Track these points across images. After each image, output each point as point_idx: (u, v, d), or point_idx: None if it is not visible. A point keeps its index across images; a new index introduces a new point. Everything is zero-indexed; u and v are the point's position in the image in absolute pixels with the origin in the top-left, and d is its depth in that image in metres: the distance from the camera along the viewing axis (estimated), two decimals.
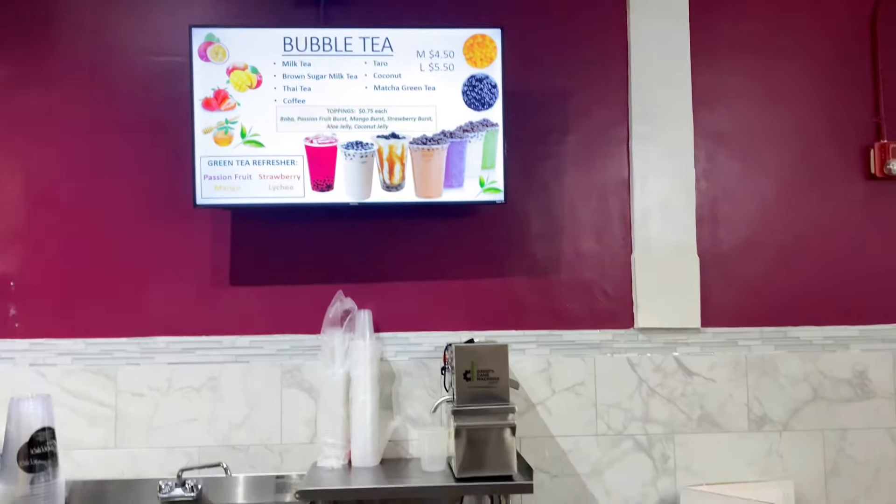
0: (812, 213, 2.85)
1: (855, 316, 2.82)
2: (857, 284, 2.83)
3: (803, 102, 2.88)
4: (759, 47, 2.87)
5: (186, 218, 2.64)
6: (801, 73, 2.88)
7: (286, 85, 2.53)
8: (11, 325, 2.65)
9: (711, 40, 2.85)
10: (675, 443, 2.74)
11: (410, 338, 2.70)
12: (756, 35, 2.88)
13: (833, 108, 2.88)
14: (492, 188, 2.58)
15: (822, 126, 2.87)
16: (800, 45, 2.89)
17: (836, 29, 2.91)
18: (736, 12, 2.88)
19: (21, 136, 2.69)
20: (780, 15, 2.89)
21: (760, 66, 2.87)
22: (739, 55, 2.87)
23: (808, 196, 2.86)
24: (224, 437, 2.63)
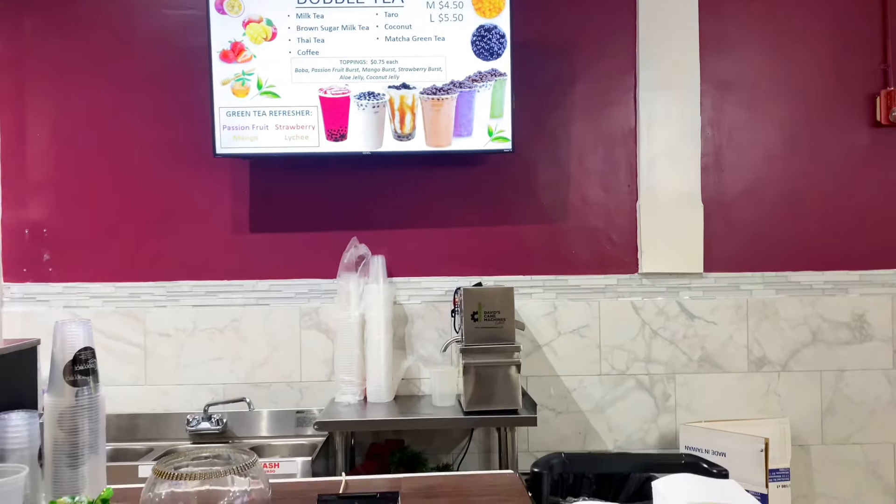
0: (816, 160, 2.90)
1: (855, 261, 2.89)
2: (858, 230, 2.90)
3: (811, 50, 2.90)
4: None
5: (207, 167, 2.76)
6: (808, 21, 2.90)
7: (300, 37, 2.60)
8: (45, 270, 2.80)
9: None
10: (675, 382, 2.86)
11: (422, 282, 2.82)
12: None
13: (840, 56, 2.90)
14: (500, 137, 2.66)
15: (829, 73, 2.90)
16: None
17: None
18: None
19: (49, 88, 2.80)
20: None
21: (768, 14, 2.89)
22: (747, 2, 2.89)
23: (812, 143, 2.90)
24: (247, 375, 2.79)
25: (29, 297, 2.79)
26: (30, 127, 2.80)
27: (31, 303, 2.79)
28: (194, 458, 1.17)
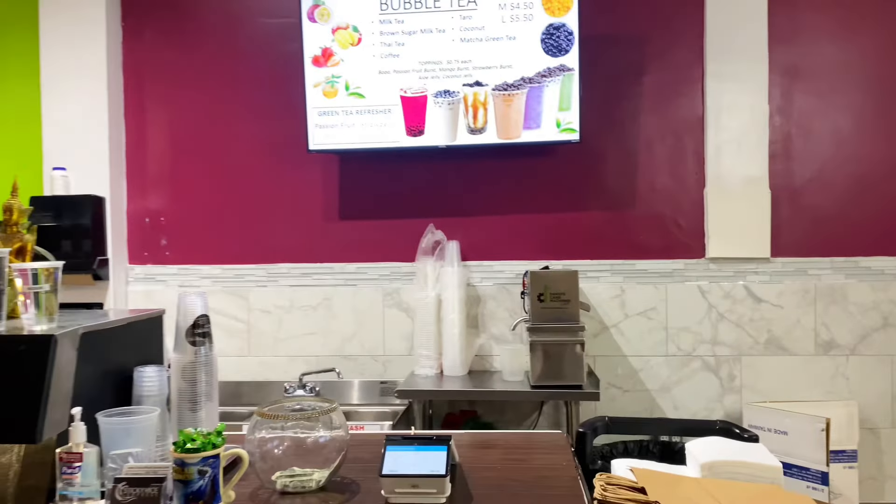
0: (887, 145, 2.90)
1: None
2: None
3: (881, 35, 2.89)
4: None
5: (301, 161, 3.06)
6: (879, 6, 2.89)
7: (383, 41, 2.85)
8: (163, 253, 3.19)
9: None
10: (741, 364, 2.95)
11: (494, 265, 3.03)
12: None
13: None
14: (568, 129, 2.82)
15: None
16: None
17: None
18: None
19: (165, 92, 3.18)
20: None
21: (839, 2, 2.90)
22: None
23: (883, 129, 2.90)
24: (337, 348, 3.09)
25: (150, 277, 3.19)
26: (150, 127, 3.19)
27: (152, 282, 3.19)
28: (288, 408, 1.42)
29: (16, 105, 3.18)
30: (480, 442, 1.62)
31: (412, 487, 1.24)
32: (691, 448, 1.51)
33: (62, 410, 1.31)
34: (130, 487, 1.25)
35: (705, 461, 1.42)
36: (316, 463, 1.34)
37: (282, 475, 1.33)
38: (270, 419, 1.34)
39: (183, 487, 1.20)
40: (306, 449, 1.33)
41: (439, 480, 1.23)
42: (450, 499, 1.26)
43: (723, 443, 1.53)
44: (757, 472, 1.40)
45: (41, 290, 1.38)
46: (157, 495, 1.24)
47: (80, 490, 1.27)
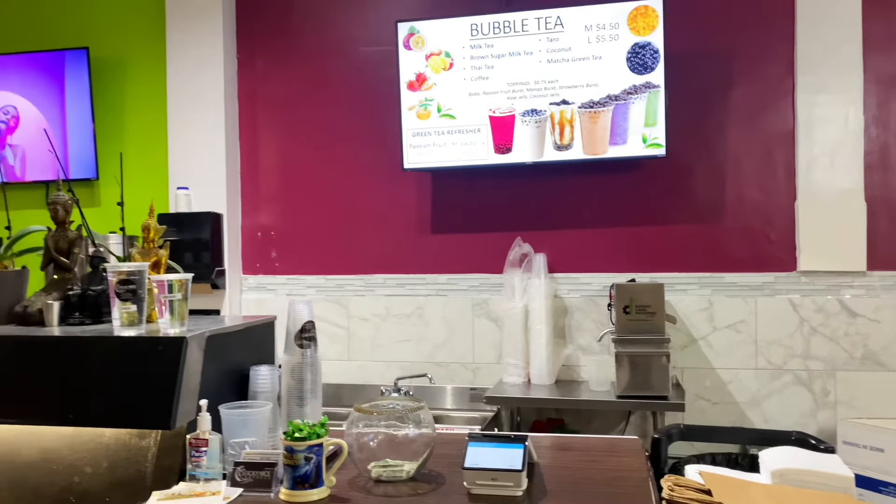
0: None
1: None
2: None
3: None
4: None
5: (396, 179, 3.26)
6: None
7: (473, 65, 3.01)
8: (273, 265, 3.47)
9: None
10: (836, 379, 2.90)
11: (580, 278, 3.11)
12: None
13: None
14: (654, 144, 2.88)
15: None
16: None
17: None
18: None
19: (275, 116, 3.46)
20: None
21: None
22: None
23: None
24: (429, 355, 3.25)
25: (261, 286, 3.47)
26: (261, 149, 3.48)
27: (263, 291, 3.47)
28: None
29: (146, 132, 3.55)
30: (559, 444, 1.73)
31: (491, 480, 1.37)
32: (764, 456, 1.56)
33: (191, 402, 1.53)
34: (247, 470, 1.45)
35: (776, 468, 1.48)
36: (406, 455, 1.49)
37: (376, 465, 1.49)
38: (367, 415, 1.51)
39: (291, 471, 1.38)
40: (398, 443, 1.48)
41: (516, 475, 1.36)
42: (526, 492, 1.38)
43: (796, 452, 1.57)
44: (828, 482, 1.44)
45: (175, 299, 1.60)
46: (270, 478, 1.43)
47: (205, 471, 1.48)
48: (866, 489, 2.68)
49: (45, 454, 1.60)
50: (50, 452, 1.60)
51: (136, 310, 1.59)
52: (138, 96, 3.58)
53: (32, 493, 1.57)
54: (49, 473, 1.58)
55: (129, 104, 3.60)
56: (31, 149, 3.63)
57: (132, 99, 3.59)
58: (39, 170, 3.63)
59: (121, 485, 1.53)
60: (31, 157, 3.65)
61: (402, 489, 1.44)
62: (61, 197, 1.84)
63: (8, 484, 1.60)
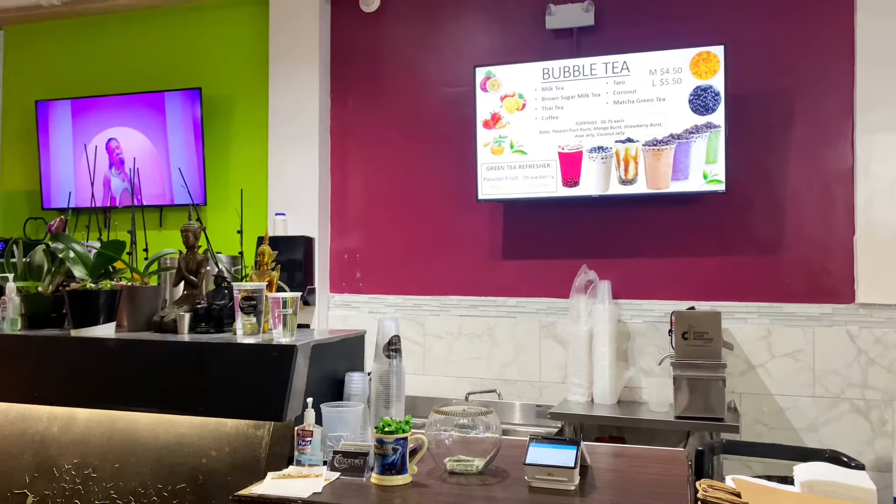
0: None
1: None
2: None
3: None
4: None
5: (471, 209, 3.55)
6: None
7: (544, 105, 3.27)
8: (357, 284, 3.80)
9: None
10: (893, 409, 2.98)
11: (643, 304, 3.31)
12: None
13: None
14: (714, 180, 3.06)
15: None
16: None
17: None
18: None
19: (363, 150, 3.82)
20: None
21: None
22: None
23: None
24: (498, 373, 3.50)
25: (346, 303, 3.81)
26: (350, 179, 3.84)
27: (347, 308, 3.81)
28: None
29: (249, 163, 3.97)
30: (612, 452, 1.95)
31: (548, 475, 1.61)
32: (797, 470, 1.74)
33: (299, 400, 1.84)
34: (344, 458, 1.74)
35: (805, 479, 1.66)
36: (476, 453, 1.75)
37: (451, 460, 1.75)
38: (444, 416, 1.78)
39: (381, 459, 1.66)
40: (469, 442, 1.75)
41: (569, 471, 1.60)
42: (577, 487, 1.62)
43: (827, 467, 1.74)
44: (851, 493, 1.61)
45: (287, 313, 1.92)
46: (363, 465, 1.72)
47: (309, 457, 1.78)
48: None
49: (179, 439, 1.94)
50: (183, 437, 1.93)
51: (255, 322, 1.92)
52: (243, 131, 4.01)
53: (168, 469, 1.91)
54: (182, 455, 1.92)
55: (234, 138, 4.03)
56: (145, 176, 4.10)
57: (237, 133, 4.03)
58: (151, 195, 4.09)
59: (240, 467, 1.85)
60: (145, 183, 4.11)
61: (472, 480, 1.70)
62: (192, 225, 2.21)
63: (149, 461, 1.94)
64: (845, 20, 3.09)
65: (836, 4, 3.10)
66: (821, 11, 3.13)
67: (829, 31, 3.12)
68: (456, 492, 1.62)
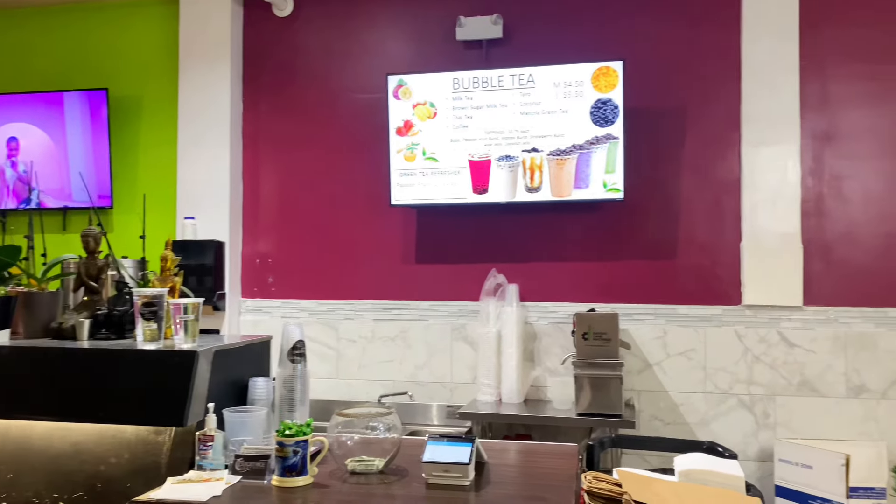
0: None
1: None
2: None
3: None
4: (869, 55, 3.19)
5: (384, 214, 3.60)
6: None
7: (455, 115, 3.36)
8: (269, 289, 3.79)
9: (820, 51, 3.23)
10: (775, 403, 3.21)
11: (548, 306, 3.44)
12: (866, 43, 3.19)
13: None
14: (613, 189, 3.23)
15: None
16: None
17: None
18: (846, 24, 3.21)
19: (275, 155, 3.81)
20: (889, 26, 3.18)
21: (870, 73, 3.19)
22: (848, 63, 3.21)
23: None
24: (411, 375, 3.57)
25: (258, 308, 3.79)
26: (262, 184, 3.82)
27: (259, 313, 3.79)
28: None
29: (158, 166, 3.90)
30: (508, 448, 2.05)
31: (444, 472, 1.69)
32: (677, 460, 1.88)
33: (200, 405, 1.85)
34: (245, 461, 1.76)
35: (682, 469, 1.79)
36: (377, 453, 1.81)
37: (352, 460, 1.80)
38: (346, 419, 1.83)
39: (282, 462, 1.70)
40: (370, 442, 1.80)
41: (464, 467, 1.67)
42: (473, 483, 1.70)
43: (703, 457, 1.89)
44: (723, 481, 1.76)
45: (188, 319, 1.93)
46: (264, 468, 1.74)
47: (211, 462, 1.79)
48: (798, 503, 2.98)
49: (75, 447, 1.91)
50: (79, 445, 1.91)
51: (156, 328, 1.92)
52: (152, 133, 3.94)
53: (65, 478, 1.88)
54: (79, 462, 1.89)
55: (143, 140, 3.95)
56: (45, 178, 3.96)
57: (146, 135, 3.95)
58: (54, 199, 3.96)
59: (140, 473, 1.84)
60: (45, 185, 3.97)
61: (372, 479, 1.75)
62: (93, 230, 2.18)
63: (43, 471, 1.91)
64: (732, 41, 3.32)
65: (725, 26, 3.33)
66: (710, 32, 3.35)
67: (718, 50, 3.34)
68: (356, 490, 1.68)
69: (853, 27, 3.22)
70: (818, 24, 3.23)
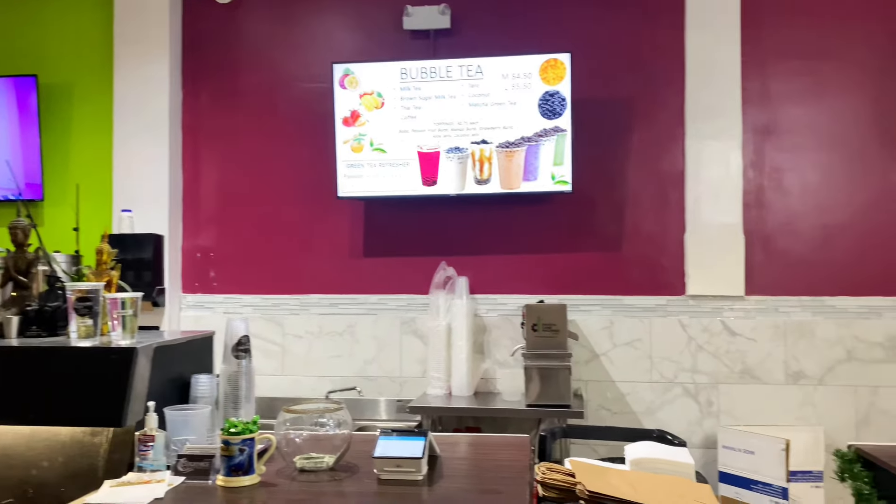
0: (851, 198, 3.25)
1: (889, 288, 3.20)
2: (892, 261, 3.20)
3: (847, 100, 3.26)
4: (807, 52, 3.28)
5: (331, 206, 3.53)
6: (844, 75, 3.26)
7: (403, 105, 3.32)
8: (211, 284, 3.68)
9: (761, 48, 3.30)
10: (718, 391, 3.29)
11: (498, 299, 3.44)
12: (804, 42, 3.29)
13: (874, 106, 3.24)
14: (561, 181, 3.24)
15: (864, 121, 3.24)
16: (844, 50, 3.26)
17: (879, 35, 3.25)
18: (785, 23, 3.30)
19: (218, 145, 3.70)
20: (827, 24, 3.28)
21: (808, 69, 3.28)
22: (787, 60, 3.30)
23: (848, 183, 3.25)
24: (359, 370, 3.52)
25: (199, 304, 3.68)
26: (204, 175, 3.70)
27: (201, 309, 3.68)
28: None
29: (92, 156, 3.73)
30: (461, 441, 2.02)
31: (396, 467, 1.65)
32: (627, 449, 1.89)
33: (140, 404, 1.77)
34: (189, 461, 1.69)
35: (633, 458, 1.80)
36: (327, 450, 1.76)
37: (301, 458, 1.75)
38: (294, 415, 1.77)
39: (227, 461, 1.63)
40: (319, 439, 1.75)
41: (416, 461, 1.64)
42: (426, 477, 1.67)
43: (653, 446, 1.90)
44: (673, 468, 1.77)
45: (126, 314, 1.84)
46: (208, 467, 1.68)
47: (151, 463, 1.71)
48: (742, 488, 3.05)
49: (5, 450, 1.80)
50: (8, 449, 1.80)
51: (92, 324, 1.82)
52: (85, 122, 3.77)
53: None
54: (6, 468, 1.79)
55: (76, 129, 3.78)
56: None
57: (79, 124, 3.77)
58: None
59: (75, 476, 1.75)
60: None
61: (322, 477, 1.70)
62: (21, 222, 2.06)
63: None
64: (677, 36, 3.36)
65: (670, 21, 3.37)
66: (656, 27, 3.39)
67: (664, 44, 3.38)
68: (305, 489, 1.63)
69: (792, 25, 3.30)
70: (759, 22, 3.31)
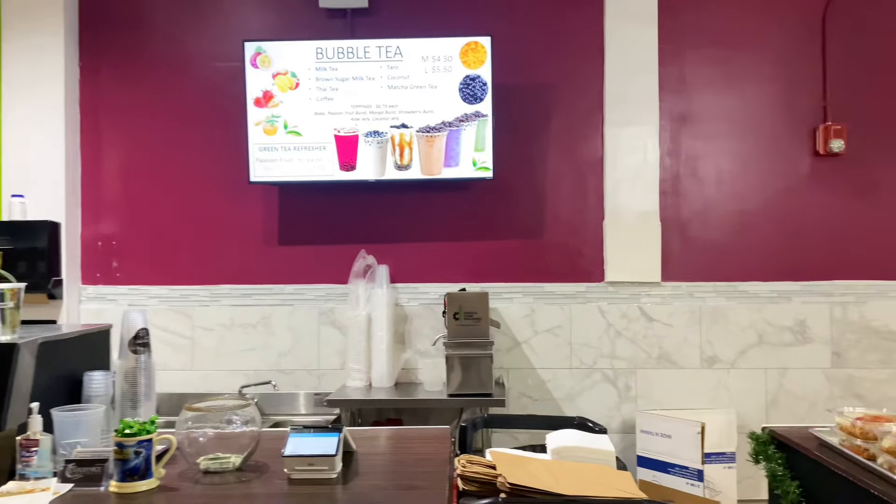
0: (763, 185, 3.33)
1: (798, 273, 3.30)
2: (801, 246, 3.31)
3: (759, 89, 3.34)
4: (721, 41, 3.34)
5: (243, 192, 3.37)
6: (758, 64, 3.34)
7: (318, 86, 3.19)
8: (114, 275, 3.45)
9: (677, 36, 3.34)
10: (636, 376, 3.32)
11: (419, 287, 3.36)
12: (718, 31, 3.34)
13: (786, 95, 3.33)
14: (483, 167, 3.19)
15: (776, 110, 3.33)
16: (758, 39, 3.34)
17: (792, 24, 3.34)
18: (700, 12, 3.35)
19: (119, 127, 3.46)
20: (741, 13, 3.34)
21: (722, 58, 3.34)
22: (703, 49, 3.35)
23: (760, 171, 3.34)
24: (274, 363, 3.38)
25: (101, 296, 3.44)
26: (105, 159, 3.46)
27: (103, 301, 3.44)
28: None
29: None
30: (379, 435, 1.94)
31: (309, 465, 1.56)
32: (549, 438, 1.85)
33: (22, 405, 1.60)
34: (78, 467, 1.54)
35: (555, 447, 1.77)
36: (234, 449, 1.64)
37: (205, 459, 1.63)
38: (197, 413, 1.64)
39: (121, 465, 1.50)
40: (225, 437, 1.63)
41: (330, 459, 1.55)
42: (341, 475, 1.58)
43: (574, 434, 1.88)
44: (595, 456, 1.75)
45: (6, 307, 1.66)
46: (101, 472, 1.53)
47: (36, 470, 1.55)
48: (659, 471, 3.10)
49: None
50: None
51: None
52: None
53: None
54: None
55: None
56: None
57: None
58: None
59: None
60: None
61: (228, 478, 1.59)
62: None
63: None
64: (596, 21, 3.36)
65: (589, 6, 3.36)
66: (576, 12, 3.38)
67: (583, 30, 3.37)
68: (209, 492, 1.51)
69: (708, 14, 3.35)
70: (676, 9, 3.34)
